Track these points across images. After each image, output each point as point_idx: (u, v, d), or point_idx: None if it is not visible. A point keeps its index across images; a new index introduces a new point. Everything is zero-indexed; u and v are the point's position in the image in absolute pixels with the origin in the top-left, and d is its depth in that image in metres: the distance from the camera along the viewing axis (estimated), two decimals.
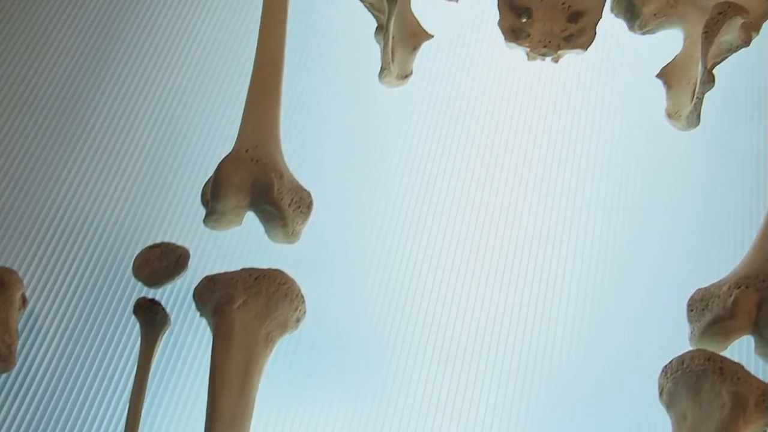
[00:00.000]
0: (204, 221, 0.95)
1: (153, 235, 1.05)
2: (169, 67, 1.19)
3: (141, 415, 0.89)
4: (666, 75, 1.03)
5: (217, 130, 1.13)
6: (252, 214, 0.96)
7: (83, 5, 1.23)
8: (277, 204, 0.93)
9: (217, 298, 0.87)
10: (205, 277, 0.90)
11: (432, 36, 1.07)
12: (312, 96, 1.16)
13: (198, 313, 0.91)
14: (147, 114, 1.14)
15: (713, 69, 0.97)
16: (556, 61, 1.04)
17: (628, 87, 1.17)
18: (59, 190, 1.08)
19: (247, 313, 0.87)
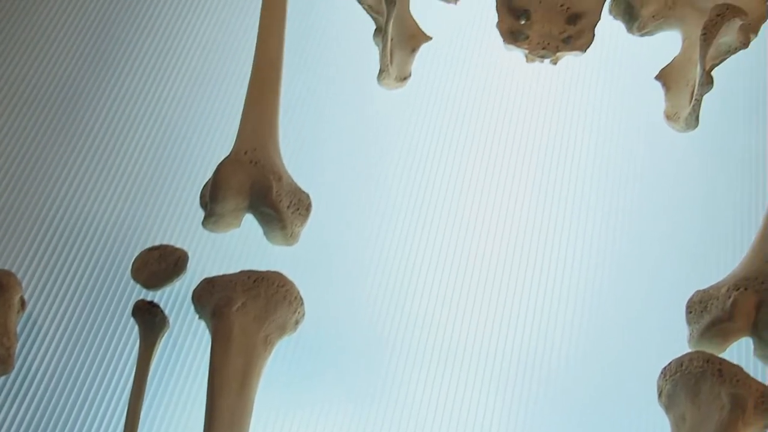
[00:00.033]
0: (203, 223, 0.95)
1: (152, 237, 1.05)
2: (169, 68, 1.18)
3: (140, 418, 0.89)
4: (664, 77, 1.03)
5: (216, 131, 1.13)
6: (251, 216, 0.96)
7: (83, 5, 1.23)
8: (276, 206, 0.93)
9: (216, 300, 0.87)
10: (204, 280, 0.90)
11: (431, 38, 1.06)
12: (311, 96, 1.16)
13: (197, 316, 0.91)
14: (146, 115, 1.14)
15: (712, 71, 0.97)
16: (554, 63, 1.04)
17: (626, 89, 1.17)
18: (58, 191, 1.08)
19: (246, 316, 0.87)
